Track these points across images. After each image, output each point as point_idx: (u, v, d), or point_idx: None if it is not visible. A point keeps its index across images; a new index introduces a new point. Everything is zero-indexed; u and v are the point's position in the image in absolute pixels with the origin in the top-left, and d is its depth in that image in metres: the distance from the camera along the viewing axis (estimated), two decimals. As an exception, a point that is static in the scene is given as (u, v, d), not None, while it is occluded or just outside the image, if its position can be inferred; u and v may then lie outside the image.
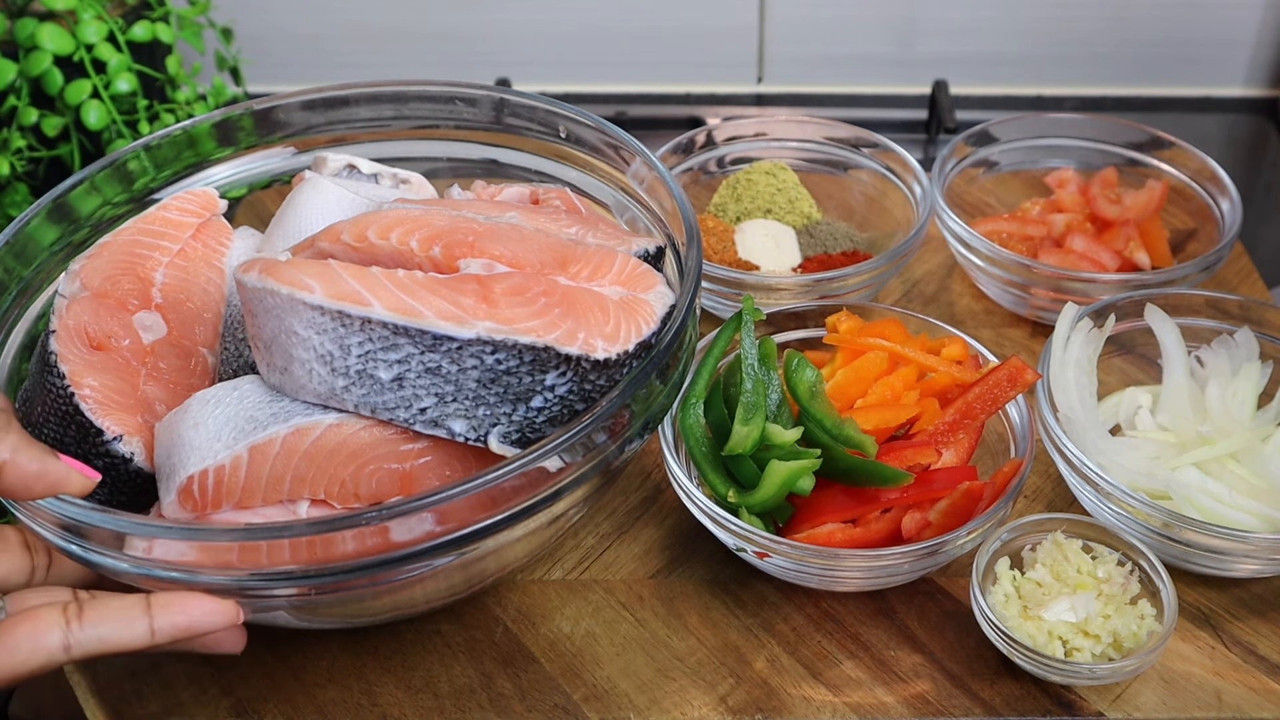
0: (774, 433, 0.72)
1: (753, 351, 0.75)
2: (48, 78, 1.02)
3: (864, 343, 0.79)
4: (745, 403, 0.72)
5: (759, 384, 0.73)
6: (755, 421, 0.72)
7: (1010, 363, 0.74)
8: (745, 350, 0.75)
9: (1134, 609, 0.69)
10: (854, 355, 0.80)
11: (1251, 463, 0.76)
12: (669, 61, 1.31)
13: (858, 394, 0.78)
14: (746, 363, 0.74)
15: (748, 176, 1.02)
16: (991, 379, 0.75)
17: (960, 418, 0.75)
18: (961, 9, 1.26)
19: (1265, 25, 1.26)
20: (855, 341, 0.79)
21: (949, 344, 0.81)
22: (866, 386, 0.78)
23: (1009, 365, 0.74)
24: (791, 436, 0.72)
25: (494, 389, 0.61)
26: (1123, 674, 0.68)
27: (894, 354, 0.79)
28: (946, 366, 0.78)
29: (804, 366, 0.74)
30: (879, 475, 0.70)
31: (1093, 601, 0.69)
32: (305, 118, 0.86)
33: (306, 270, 0.61)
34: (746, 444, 0.71)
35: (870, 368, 0.78)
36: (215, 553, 0.58)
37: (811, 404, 0.73)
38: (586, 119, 0.82)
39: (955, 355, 0.80)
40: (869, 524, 0.72)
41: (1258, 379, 0.82)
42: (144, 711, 0.71)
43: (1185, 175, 1.01)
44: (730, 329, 0.78)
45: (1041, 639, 0.68)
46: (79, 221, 0.78)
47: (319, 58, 1.31)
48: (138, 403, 0.68)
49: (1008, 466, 0.74)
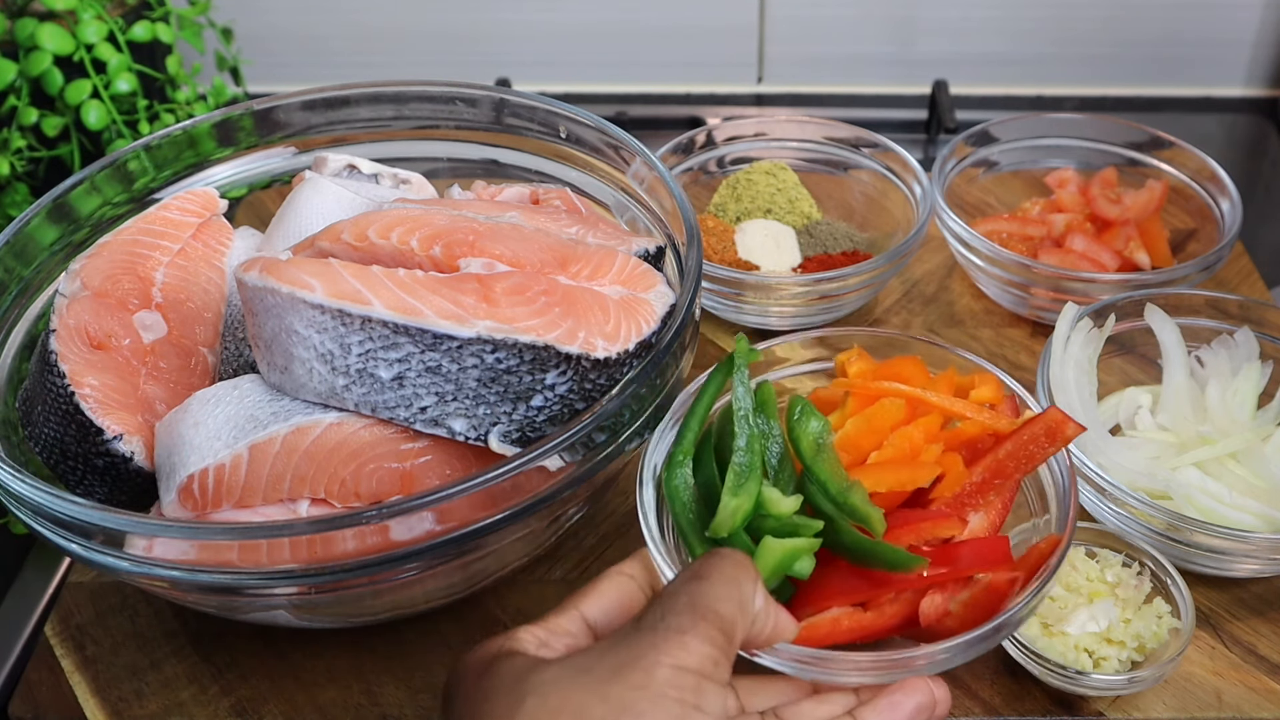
0: (770, 500, 0.61)
1: (747, 401, 0.64)
2: (48, 78, 1.02)
3: (878, 387, 0.68)
4: (737, 467, 0.61)
5: (754, 440, 0.63)
6: (747, 491, 0.60)
7: (1048, 415, 0.63)
8: (738, 400, 0.64)
9: (1150, 609, 0.69)
10: (867, 401, 0.68)
11: (1251, 463, 0.76)
12: (669, 61, 1.31)
13: (871, 446, 0.66)
14: (739, 415, 0.63)
15: (748, 176, 1.02)
16: (1026, 433, 0.63)
17: (990, 477, 0.63)
18: (961, 9, 1.26)
19: (1265, 25, 1.26)
20: (868, 386, 0.68)
21: (980, 383, 0.68)
22: (881, 438, 0.66)
23: (1046, 418, 0.63)
24: (789, 507, 0.61)
25: (494, 388, 0.61)
26: (1156, 678, 0.67)
27: (913, 400, 0.67)
28: (976, 413, 0.66)
29: (808, 416, 0.64)
30: (887, 559, 0.58)
31: (1112, 609, 0.69)
32: (305, 118, 0.86)
33: (307, 269, 0.61)
34: (735, 520, 0.60)
35: (885, 417, 0.67)
36: (215, 551, 0.58)
37: (815, 462, 0.62)
38: (586, 119, 0.82)
39: (987, 397, 0.68)
40: (881, 608, 0.60)
41: (1258, 379, 0.82)
42: (144, 711, 0.71)
43: (1185, 175, 1.01)
44: (722, 373, 0.67)
45: (1070, 654, 0.68)
46: (79, 221, 0.78)
47: (319, 58, 1.31)
48: (138, 402, 0.68)
49: (1044, 544, 0.61)
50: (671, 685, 0.47)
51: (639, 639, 0.48)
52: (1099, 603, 0.69)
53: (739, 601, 0.51)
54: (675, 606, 0.49)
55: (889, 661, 0.56)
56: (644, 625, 0.49)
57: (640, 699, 0.46)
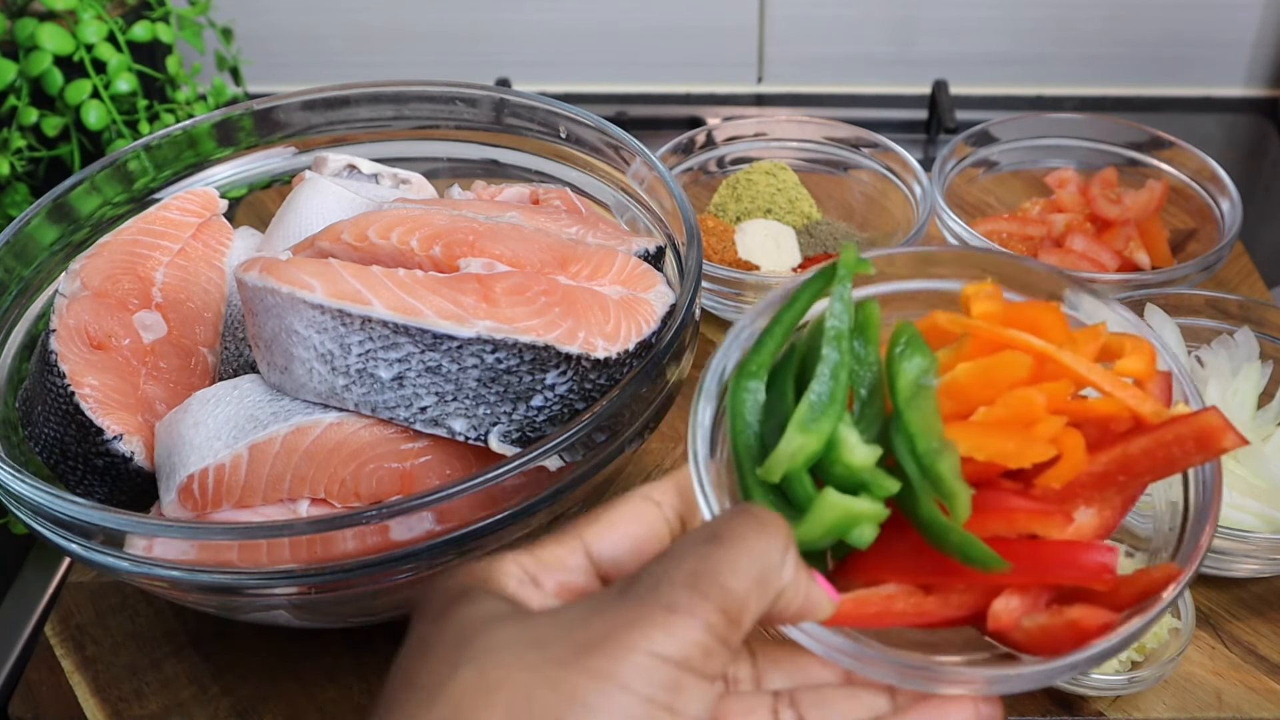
0: (844, 445, 0.49)
1: (844, 319, 0.51)
2: (48, 78, 1.02)
3: (1005, 334, 0.53)
4: (813, 398, 0.49)
5: (841, 368, 0.51)
6: (819, 428, 0.49)
7: (1204, 416, 0.49)
8: (834, 316, 0.51)
9: None
10: (989, 349, 0.54)
11: (1251, 463, 0.76)
12: (669, 61, 1.31)
13: (981, 400, 0.52)
14: (830, 334, 0.51)
15: (748, 176, 1.02)
16: (1172, 431, 0.50)
17: (1114, 471, 0.50)
18: (961, 9, 1.26)
19: (1265, 25, 1.26)
20: (994, 331, 0.54)
21: (1131, 351, 0.53)
22: (996, 393, 0.52)
23: (1202, 419, 0.49)
24: (865, 458, 0.49)
25: (494, 388, 0.61)
26: (1156, 678, 0.67)
27: (1043, 357, 0.52)
28: (1119, 388, 0.51)
29: (914, 350, 0.52)
30: (963, 551, 0.47)
31: None
32: (305, 118, 0.86)
33: (307, 269, 0.61)
34: (796, 462, 0.48)
35: (1006, 370, 0.52)
36: (215, 551, 0.58)
37: (910, 407, 0.50)
38: (586, 119, 0.82)
39: (1135, 370, 0.53)
40: (947, 596, 0.50)
41: (1258, 379, 0.82)
42: (144, 711, 0.71)
43: (1185, 175, 1.01)
44: (821, 280, 0.53)
45: None
46: (79, 221, 0.78)
47: (319, 58, 1.31)
48: (138, 402, 0.68)
49: (1157, 573, 0.48)
50: (641, 679, 0.37)
51: (619, 611, 0.39)
52: (1099, 603, 0.69)
53: (759, 576, 0.41)
54: (674, 574, 0.40)
55: (932, 674, 0.47)
56: (631, 593, 0.39)
57: (597, 691, 0.37)
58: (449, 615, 0.41)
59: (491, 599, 0.41)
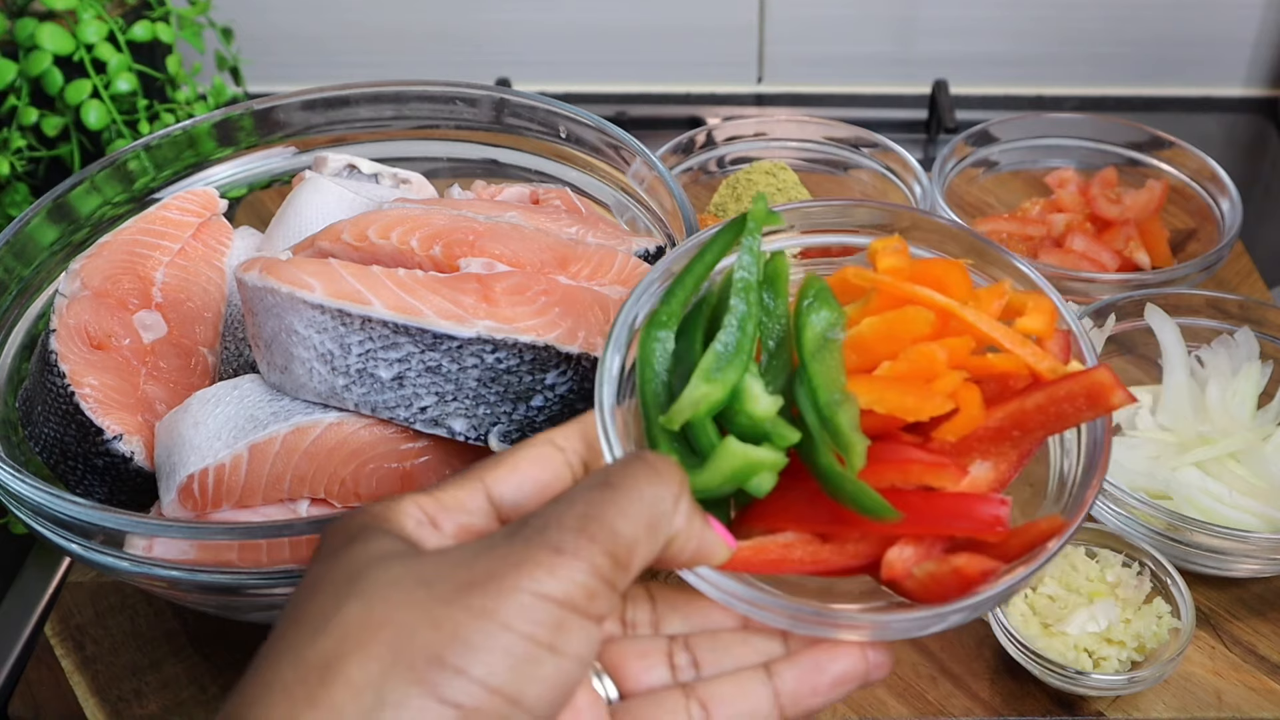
0: (748, 395, 0.49)
1: (753, 271, 0.52)
2: (48, 78, 1.02)
3: (909, 290, 0.54)
4: (719, 348, 0.50)
5: (748, 319, 0.51)
6: (724, 378, 0.49)
7: (1094, 374, 0.50)
8: (743, 268, 0.52)
9: (1151, 609, 0.69)
10: (893, 303, 0.55)
11: (1251, 463, 0.76)
12: (669, 61, 1.31)
13: (885, 354, 0.53)
14: (740, 285, 0.51)
15: (748, 176, 1.02)
16: (1064, 387, 0.51)
17: (1008, 426, 0.51)
18: (961, 9, 1.26)
19: (1265, 25, 1.26)
20: (898, 286, 0.55)
21: (1032, 309, 0.54)
22: (899, 348, 0.53)
23: (1091, 376, 0.50)
24: (767, 408, 0.49)
25: (494, 388, 0.61)
26: (1156, 678, 0.67)
27: (945, 313, 0.53)
28: (1018, 344, 0.52)
29: (822, 304, 0.52)
30: (857, 500, 0.48)
31: (1113, 609, 0.69)
32: (305, 118, 0.86)
33: (307, 269, 0.61)
34: (699, 410, 0.48)
35: (909, 325, 0.53)
36: (215, 551, 0.58)
37: (814, 359, 0.51)
38: (586, 119, 0.82)
39: (1036, 328, 0.54)
40: (843, 545, 0.50)
41: (1258, 379, 0.82)
42: (144, 711, 0.71)
43: (1185, 175, 1.01)
44: (732, 232, 0.53)
45: (1070, 654, 0.68)
46: (79, 221, 0.78)
47: (319, 58, 1.31)
48: (138, 402, 0.68)
49: (1045, 524, 0.49)
50: (523, 617, 0.37)
51: (506, 551, 0.39)
52: (1099, 603, 0.69)
53: (649, 521, 0.41)
54: (564, 517, 0.40)
55: (823, 619, 0.47)
56: (520, 534, 0.40)
57: (478, 629, 0.37)
58: (342, 554, 0.40)
59: (387, 538, 0.41)
